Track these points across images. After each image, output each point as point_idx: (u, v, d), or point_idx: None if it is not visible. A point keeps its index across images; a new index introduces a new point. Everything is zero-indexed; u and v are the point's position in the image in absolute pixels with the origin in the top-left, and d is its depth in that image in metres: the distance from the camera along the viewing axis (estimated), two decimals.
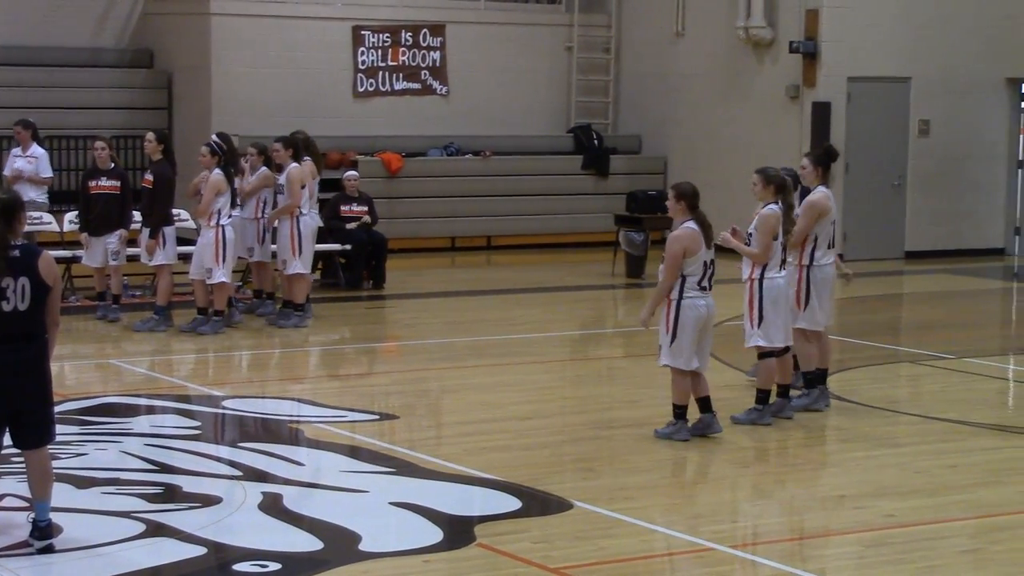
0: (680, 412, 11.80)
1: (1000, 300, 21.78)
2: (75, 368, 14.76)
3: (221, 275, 16.28)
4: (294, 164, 16.80)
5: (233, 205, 16.47)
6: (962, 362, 15.61)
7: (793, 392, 12.83)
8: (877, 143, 23.84)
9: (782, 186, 12.26)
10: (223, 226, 16.26)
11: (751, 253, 12.08)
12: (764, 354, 12.35)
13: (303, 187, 16.82)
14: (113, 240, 16.90)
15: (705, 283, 11.65)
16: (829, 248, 12.91)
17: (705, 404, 11.90)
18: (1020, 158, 25.07)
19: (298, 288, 16.95)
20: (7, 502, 9.81)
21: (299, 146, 17.09)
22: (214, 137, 16.77)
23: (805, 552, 9.38)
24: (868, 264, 22.67)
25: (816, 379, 12.95)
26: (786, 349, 12.47)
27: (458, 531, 9.45)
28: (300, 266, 16.81)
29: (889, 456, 11.67)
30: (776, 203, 12.19)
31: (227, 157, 16.46)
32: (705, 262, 11.61)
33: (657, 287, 11.79)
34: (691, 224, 11.58)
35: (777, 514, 10.29)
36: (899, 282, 22.62)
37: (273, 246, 17.34)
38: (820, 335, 12.95)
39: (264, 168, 17.31)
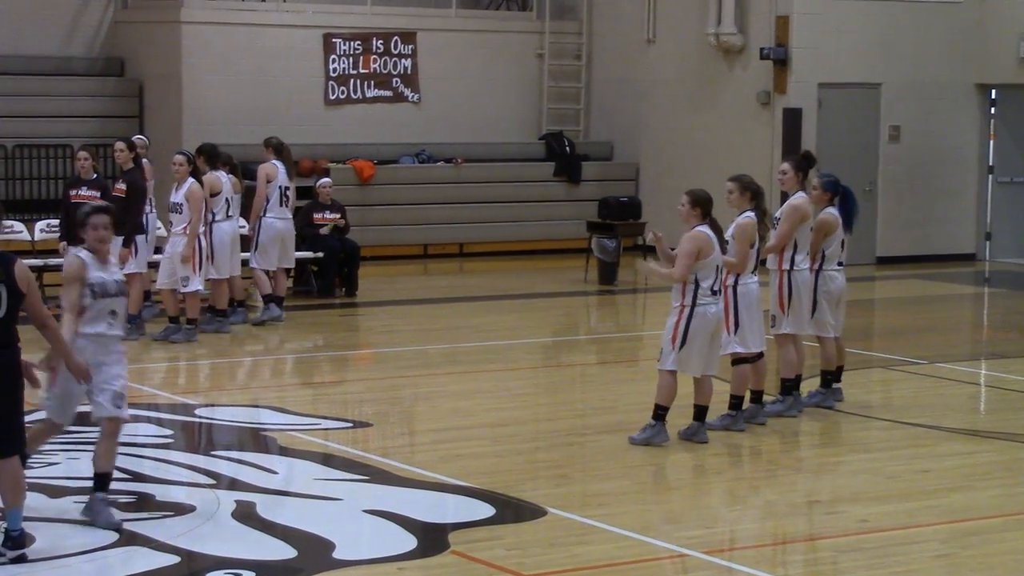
0: (661, 414, 11.81)
1: (971, 305, 21.86)
2: (45, 377, 14.67)
3: (197, 283, 16.26)
4: (208, 175, 16.76)
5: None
6: (934, 367, 15.66)
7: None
8: (848, 149, 23.91)
9: (757, 193, 12.32)
10: (199, 235, 16.25)
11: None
12: (738, 360, 12.38)
13: (216, 196, 16.82)
14: None
15: (717, 287, 11.70)
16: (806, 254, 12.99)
17: (701, 412, 11.94)
18: (990, 164, 25.19)
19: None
20: None
21: (214, 155, 17.08)
22: (184, 150, 16.85)
23: (779, 557, 9.40)
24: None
25: (792, 386, 12.99)
26: (760, 355, 12.50)
27: (432, 538, 9.45)
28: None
29: (862, 461, 11.71)
30: (752, 210, 12.24)
31: (210, 165, 16.67)
32: (717, 266, 11.66)
33: (668, 272, 11.71)
34: (705, 228, 11.64)
35: (751, 519, 10.31)
36: (870, 287, 22.68)
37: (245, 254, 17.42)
38: (796, 339, 12.98)
39: (224, 176, 17.37)
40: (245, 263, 17.59)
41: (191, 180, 16.31)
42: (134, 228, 16.53)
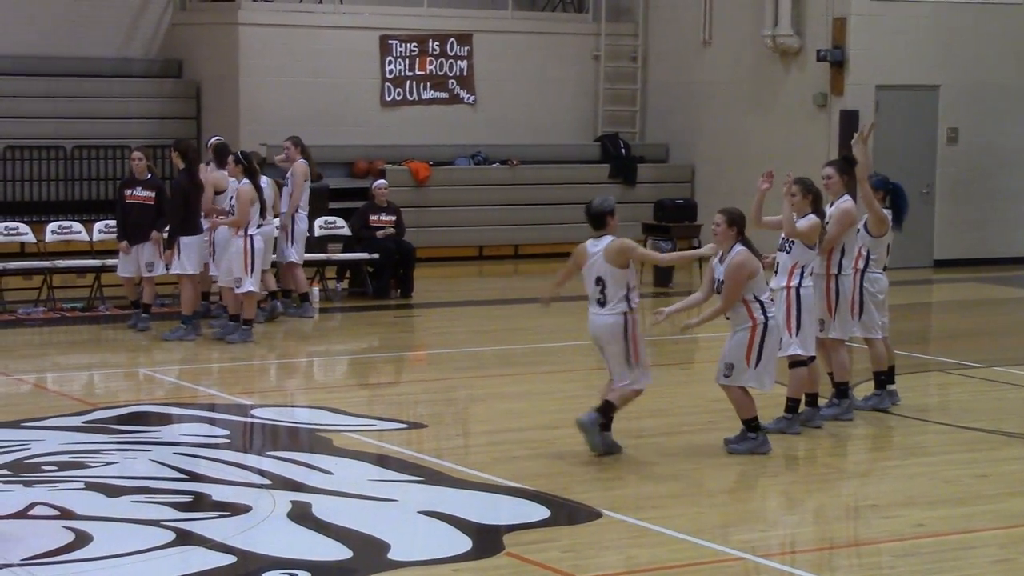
0: (755, 424, 11.78)
1: None
2: (105, 377, 14.81)
3: (250, 284, 16.31)
4: (245, 181, 16.57)
5: (262, 215, 16.52)
6: (992, 371, 15.55)
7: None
8: (905, 151, 23.78)
9: (818, 196, 12.30)
10: (252, 236, 16.30)
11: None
12: (795, 363, 12.33)
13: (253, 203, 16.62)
14: (147, 251, 16.99)
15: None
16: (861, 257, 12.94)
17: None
18: None
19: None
20: (37, 510, 9.84)
21: (251, 162, 16.83)
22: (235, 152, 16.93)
23: (835, 562, 9.35)
24: (897, 272, 22.44)
25: (846, 389, 12.93)
26: (812, 358, 12.46)
27: (487, 540, 9.45)
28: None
29: (919, 465, 11.64)
30: (813, 212, 12.22)
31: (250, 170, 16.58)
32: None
33: (715, 308, 11.66)
34: (745, 249, 11.55)
35: (806, 523, 10.27)
36: (928, 291, 22.56)
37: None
38: (839, 344, 12.92)
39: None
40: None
41: (243, 181, 16.37)
42: (175, 229, 16.62)
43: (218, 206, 16.88)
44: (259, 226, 16.43)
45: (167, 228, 16.89)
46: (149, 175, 17.19)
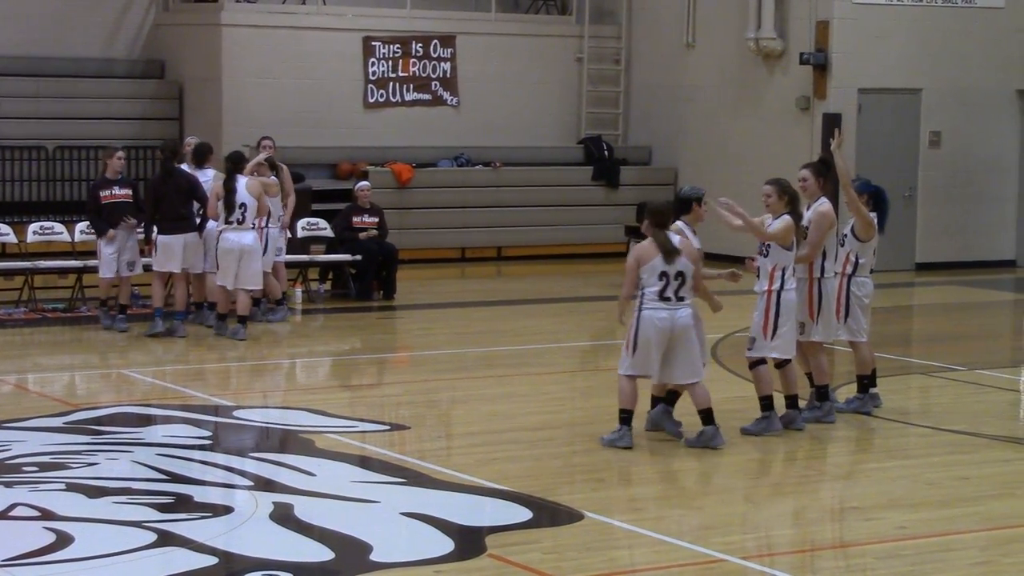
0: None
1: (1011, 311, 21.75)
2: (86, 378, 14.78)
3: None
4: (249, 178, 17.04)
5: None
6: (973, 374, 15.59)
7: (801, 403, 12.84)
8: (888, 155, 23.83)
9: (794, 198, 12.33)
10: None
11: (809, 256, 12.54)
12: (757, 362, 12.36)
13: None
14: (128, 250, 17.00)
15: (669, 294, 11.72)
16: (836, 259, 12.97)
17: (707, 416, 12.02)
18: None
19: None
20: (18, 511, 9.82)
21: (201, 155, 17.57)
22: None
23: (816, 564, 9.37)
24: (879, 276, 22.47)
25: (827, 392, 12.94)
26: (788, 360, 12.48)
27: (469, 541, 9.44)
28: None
29: (900, 468, 11.66)
30: (788, 214, 12.24)
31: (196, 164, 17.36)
32: (663, 272, 11.68)
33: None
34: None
35: (788, 525, 10.28)
36: (910, 294, 22.60)
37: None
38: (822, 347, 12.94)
39: (273, 177, 17.62)
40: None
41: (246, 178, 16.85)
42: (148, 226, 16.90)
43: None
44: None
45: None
46: (121, 175, 17.22)
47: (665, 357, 11.80)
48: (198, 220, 17.00)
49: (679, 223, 12.10)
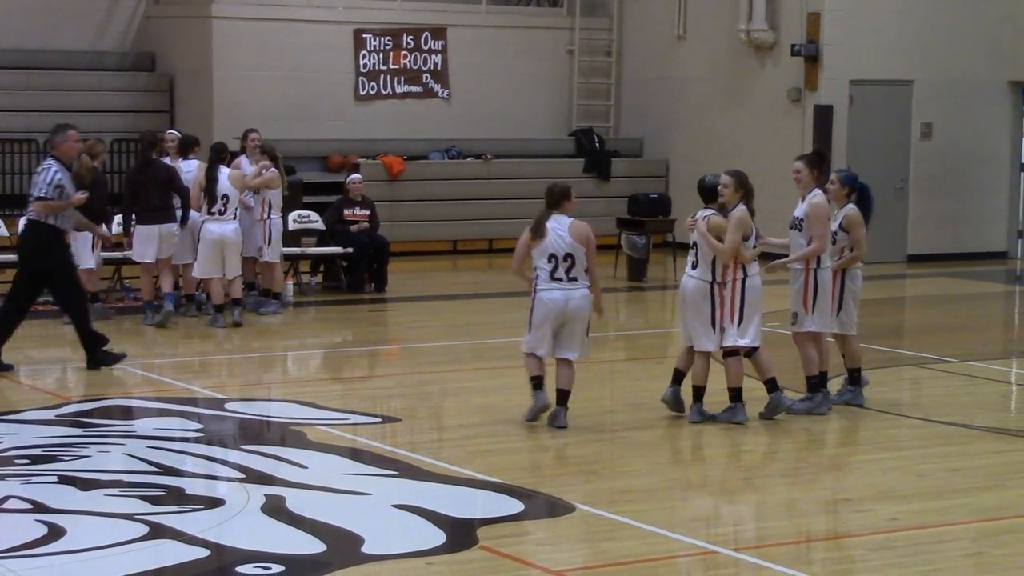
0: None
1: (1002, 303, 21.78)
2: (76, 370, 14.75)
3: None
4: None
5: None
6: (965, 365, 15.60)
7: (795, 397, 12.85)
8: (879, 146, 23.84)
9: (749, 192, 12.40)
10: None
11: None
12: (730, 352, 12.37)
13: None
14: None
15: (560, 275, 12.05)
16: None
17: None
18: (1022, 161, 25.08)
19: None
20: (10, 504, 9.81)
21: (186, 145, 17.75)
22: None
23: (808, 555, 9.37)
24: (871, 267, 22.58)
25: (819, 383, 12.94)
26: (755, 348, 12.47)
27: (461, 533, 9.44)
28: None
29: (892, 459, 11.67)
30: (744, 205, 12.33)
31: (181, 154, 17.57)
32: (551, 255, 12.11)
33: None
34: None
35: (780, 517, 10.28)
36: (901, 285, 22.61)
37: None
38: (818, 337, 12.92)
39: (273, 169, 17.68)
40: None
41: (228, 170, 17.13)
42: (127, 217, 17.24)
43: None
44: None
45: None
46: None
47: (556, 334, 12.15)
48: (179, 212, 17.01)
49: (707, 210, 12.31)
